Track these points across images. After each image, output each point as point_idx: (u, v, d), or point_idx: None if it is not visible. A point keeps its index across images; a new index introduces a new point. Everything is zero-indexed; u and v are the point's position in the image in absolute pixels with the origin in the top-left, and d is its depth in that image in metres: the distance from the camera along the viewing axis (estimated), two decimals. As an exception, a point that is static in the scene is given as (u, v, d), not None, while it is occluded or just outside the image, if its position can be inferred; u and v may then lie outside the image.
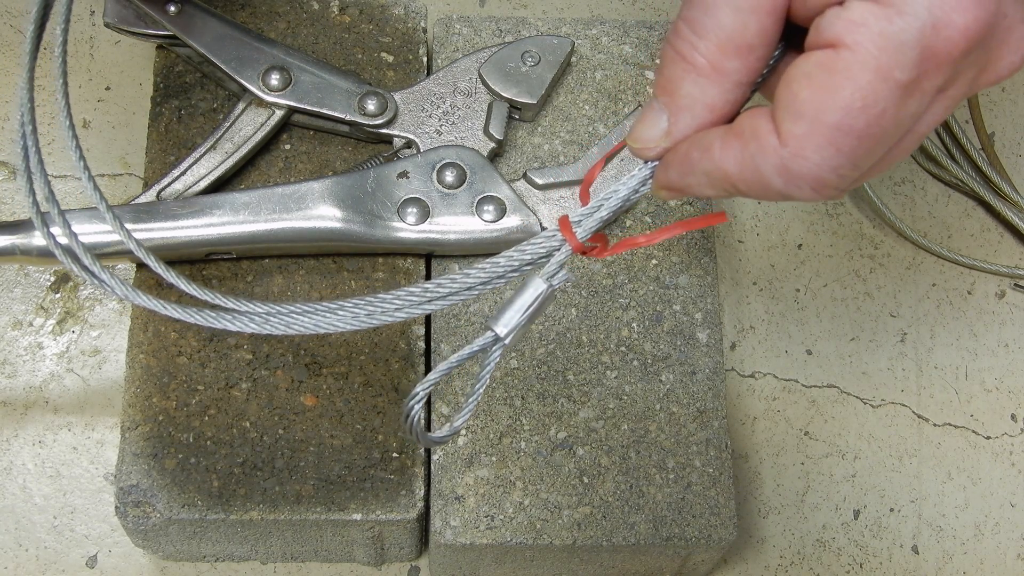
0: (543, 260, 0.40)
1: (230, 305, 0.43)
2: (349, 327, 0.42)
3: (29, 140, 0.44)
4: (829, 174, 0.34)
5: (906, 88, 0.33)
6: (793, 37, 0.36)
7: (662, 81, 0.37)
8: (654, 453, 0.53)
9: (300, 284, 0.55)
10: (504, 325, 0.38)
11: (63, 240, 0.44)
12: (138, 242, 0.44)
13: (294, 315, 0.42)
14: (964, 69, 0.34)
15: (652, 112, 0.38)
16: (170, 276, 0.44)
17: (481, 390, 0.40)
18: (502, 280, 0.40)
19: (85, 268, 0.44)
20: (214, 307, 0.43)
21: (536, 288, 0.38)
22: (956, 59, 0.33)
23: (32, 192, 0.44)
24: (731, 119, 0.37)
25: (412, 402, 0.38)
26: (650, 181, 0.39)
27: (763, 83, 0.37)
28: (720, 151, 0.36)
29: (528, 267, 0.40)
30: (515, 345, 0.43)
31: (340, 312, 0.42)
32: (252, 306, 0.43)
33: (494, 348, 0.38)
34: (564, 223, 0.39)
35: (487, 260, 0.40)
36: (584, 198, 0.40)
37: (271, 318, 0.42)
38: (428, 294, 0.41)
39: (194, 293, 0.44)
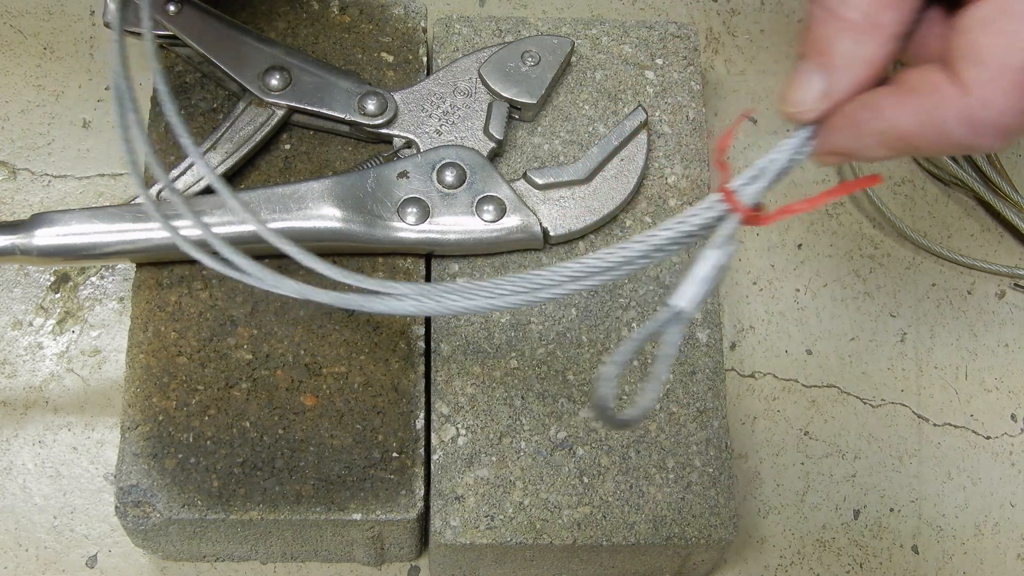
0: (703, 232, 0.39)
1: (374, 288, 0.42)
2: (507, 306, 0.41)
3: (135, 131, 0.44)
4: (1016, 119, 0.34)
5: None
6: None
7: (813, 41, 0.37)
8: (654, 453, 0.53)
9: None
10: (685, 298, 0.37)
11: (193, 231, 0.43)
12: (270, 229, 0.43)
13: (446, 295, 0.41)
14: None
15: (804, 74, 0.37)
16: (314, 262, 0.43)
17: (669, 366, 0.39)
18: (661, 254, 0.39)
19: (223, 260, 0.43)
20: (360, 291, 0.43)
21: (713, 259, 0.38)
22: None
23: (144, 186, 0.43)
24: (883, 77, 0.37)
25: (604, 388, 0.37)
26: (808, 146, 0.38)
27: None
28: (894, 109, 0.35)
29: (689, 239, 0.39)
30: (693, 319, 0.41)
31: (496, 291, 0.41)
32: (400, 287, 0.42)
33: (676, 323, 0.38)
34: (729, 193, 0.38)
35: (645, 234, 0.39)
36: (721, 166, 0.39)
37: (423, 299, 0.41)
38: (587, 269, 0.40)
39: (343, 279, 0.43)
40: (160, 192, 0.55)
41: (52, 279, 0.61)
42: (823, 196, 0.38)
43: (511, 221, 0.55)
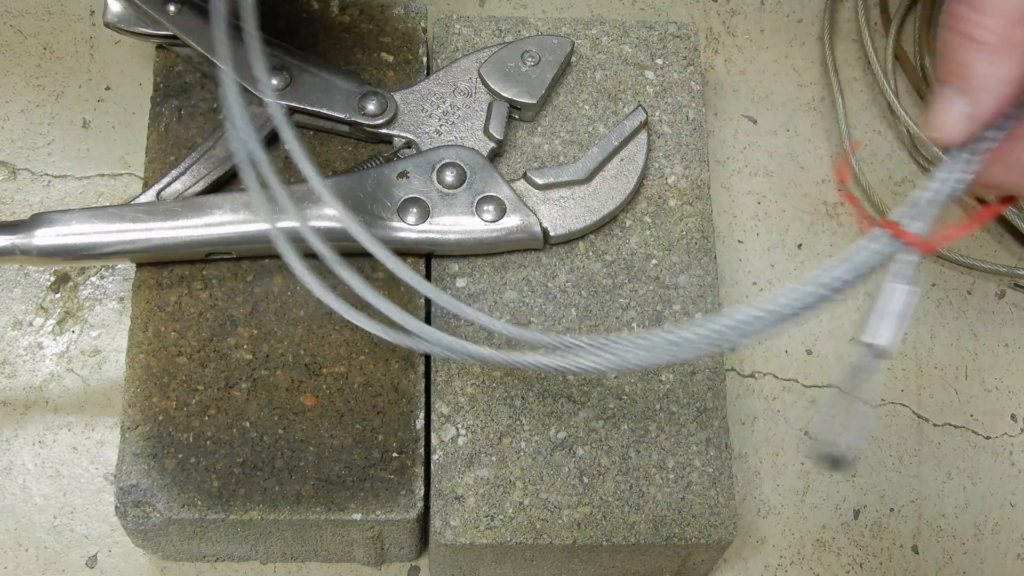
0: (875, 269, 0.40)
1: (552, 343, 0.42)
2: (690, 357, 0.41)
3: (253, 147, 0.44)
4: None
5: None
6: None
7: (951, 67, 0.38)
8: (654, 453, 0.53)
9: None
10: (885, 337, 0.39)
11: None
12: (381, 243, 0.44)
13: (631, 348, 0.41)
14: None
15: (946, 99, 0.38)
16: (474, 315, 0.44)
17: (875, 403, 0.40)
18: (839, 295, 0.40)
19: (392, 325, 0.44)
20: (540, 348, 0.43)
21: (903, 295, 0.39)
22: None
23: (278, 230, 0.45)
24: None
25: (821, 433, 0.39)
26: (965, 178, 0.39)
27: None
28: None
29: (862, 278, 0.40)
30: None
31: (676, 341, 0.41)
32: (576, 340, 0.41)
33: (877, 361, 0.39)
34: (896, 227, 0.39)
35: (819, 275, 0.40)
36: (851, 199, 0.40)
37: (604, 353, 0.41)
38: (772, 315, 0.40)
39: (486, 324, 0.44)
40: (160, 192, 0.55)
41: (52, 279, 0.61)
42: (974, 223, 0.40)
43: (511, 221, 0.55)
